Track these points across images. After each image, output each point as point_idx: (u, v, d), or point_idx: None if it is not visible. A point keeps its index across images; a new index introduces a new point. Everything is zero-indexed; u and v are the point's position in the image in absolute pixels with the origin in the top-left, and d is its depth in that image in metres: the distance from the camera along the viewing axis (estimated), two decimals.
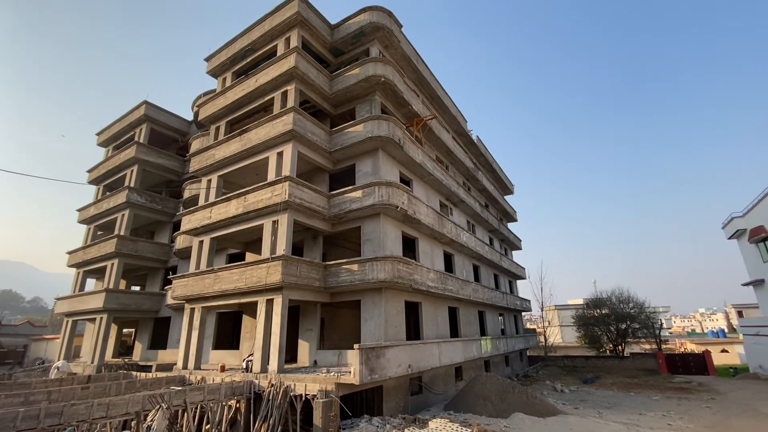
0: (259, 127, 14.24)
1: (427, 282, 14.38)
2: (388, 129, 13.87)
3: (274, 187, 12.78)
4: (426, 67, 19.64)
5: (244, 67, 17.11)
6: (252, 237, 15.44)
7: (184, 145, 24.55)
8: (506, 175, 35.18)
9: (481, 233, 25.22)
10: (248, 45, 16.50)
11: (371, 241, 13.13)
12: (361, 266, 12.41)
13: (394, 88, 15.26)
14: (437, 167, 17.97)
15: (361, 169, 14.41)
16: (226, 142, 15.32)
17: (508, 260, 29.28)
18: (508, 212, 33.96)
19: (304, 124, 13.74)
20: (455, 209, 21.19)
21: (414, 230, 15.50)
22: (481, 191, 27.44)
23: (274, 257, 11.80)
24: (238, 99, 15.88)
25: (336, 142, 14.59)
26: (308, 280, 12.32)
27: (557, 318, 52.68)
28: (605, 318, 31.76)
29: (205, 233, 15.00)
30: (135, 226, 22.97)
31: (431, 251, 16.71)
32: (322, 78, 15.34)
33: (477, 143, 26.88)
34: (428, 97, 20.43)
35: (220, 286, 13.11)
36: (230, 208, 13.91)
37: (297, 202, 12.54)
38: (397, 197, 13.22)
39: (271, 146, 13.94)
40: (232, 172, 15.35)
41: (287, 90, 14.50)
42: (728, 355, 35.60)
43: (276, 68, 14.67)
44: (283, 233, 12.32)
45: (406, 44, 17.64)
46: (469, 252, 20.66)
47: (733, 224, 27.64)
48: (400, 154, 15.05)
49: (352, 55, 16.57)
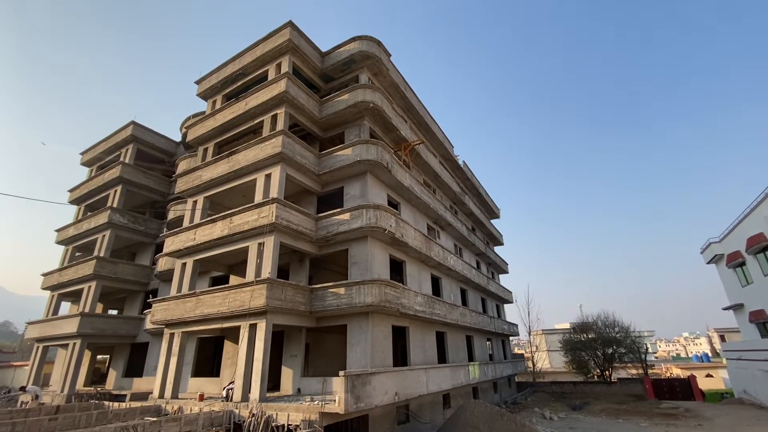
0: (248, 149, 14.27)
1: (415, 306, 14.26)
2: (376, 153, 14.05)
3: (261, 208, 12.69)
4: (414, 95, 20.17)
5: (235, 91, 17.30)
6: (237, 259, 15.19)
7: (170, 165, 24.35)
8: (492, 200, 35.74)
9: (468, 257, 25.30)
10: (239, 69, 16.75)
11: (358, 264, 13.04)
12: (347, 290, 12.25)
13: (382, 114, 15.57)
14: (425, 191, 18.17)
15: (349, 191, 14.47)
16: (214, 164, 15.28)
17: (495, 284, 29.30)
18: (495, 236, 34.28)
19: (293, 146, 13.84)
20: (442, 232, 21.29)
21: (401, 253, 15.48)
22: (468, 215, 27.73)
23: (258, 280, 11.57)
24: (227, 121, 15.96)
25: (325, 165, 14.68)
26: (293, 304, 12.08)
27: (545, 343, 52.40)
28: (592, 342, 31.76)
29: (188, 255, 14.70)
30: (116, 247, 22.40)
31: (419, 274, 16.65)
32: (312, 103, 15.58)
33: (463, 168, 27.38)
34: (416, 123, 20.89)
35: (202, 310, 12.73)
36: (215, 230, 13.72)
37: (284, 224, 12.45)
38: (384, 220, 13.26)
39: (259, 168, 13.94)
40: (219, 194, 15.24)
41: (277, 113, 14.65)
42: (713, 379, 35.77)
43: (266, 92, 14.87)
44: (268, 256, 12.15)
45: (395, 72, 18.17)
46: (456, 275, 20.64)
47: (711, 249, 28.41)
48: (388, 178, 15.20)
49: (341, 81, 16.93)
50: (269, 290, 11.40)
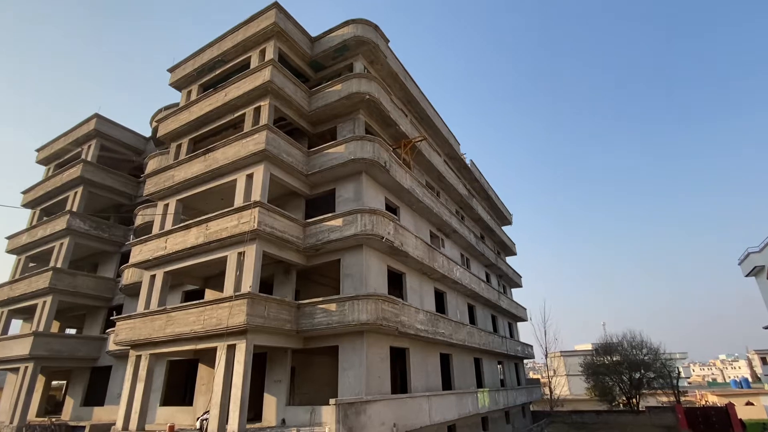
0: (228, 145, 14.29)
1: (416, 324, 14.23)
2: (372, 150, 14.09)
3: (241, 213, 12.68)
4: (415, 85, 20.29)
5: (213, 80, 17.35)
6: (213, 271, 15.14)
7: (139, 164, 24.34)
8: (504, 204, 35.86)
9: (476, 268, 25.31)
10: (218, 56, 16.81)
11: (352, 277, 13.02)
12: (339, 306, 12.22)
13: (379, 107, 15.65)
14: (427, 193, 18.21)
15: (341, 194, 14.48)
16: (189, 162, 15.27)
17: (507, 299, 29.29)
18: (507, 245, 34.35)
19: (279, 143, 13.86)
20: (447, 240, 21.31)
21: (401, 264, 15.48)
22: (476, 221, 27.78)
23: (238, 295, 11.52)
24: (204, 114, 15.98)
25: (314, 164, 14.71)
26: (278, 322, 12.03)
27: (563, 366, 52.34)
28: (617, 366, 31.74)
29: (158, 266, 14.64)
30: (76, 257, 22.28)
31: (420, 288, 16.64)
32: (300, 94, 15.64)
33: (471, 168, 27.49)
34: (417, 117, 20.98)
35: (173, 329, 12.65)
36: (189, 238, 13.68)
37: (267, 231, 12.44)
38: (382, 227, 13.27)
39: (240, 167, 13.95)
40: (193, 196, 15.22)
41: (260, 106, 14.69)
42: (754, 408, 35.76)
43: (249, 82, 14.91)
44: (250, 267, 12.11)
45: (394, 60, 18.28)
46: (463, 289, 20.64)
47: (750, 260, 28.54)
48: (385, 179, 15.22)
49: (333, 70, 17.01)
50: (250, 306, 11.35)
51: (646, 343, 32.36)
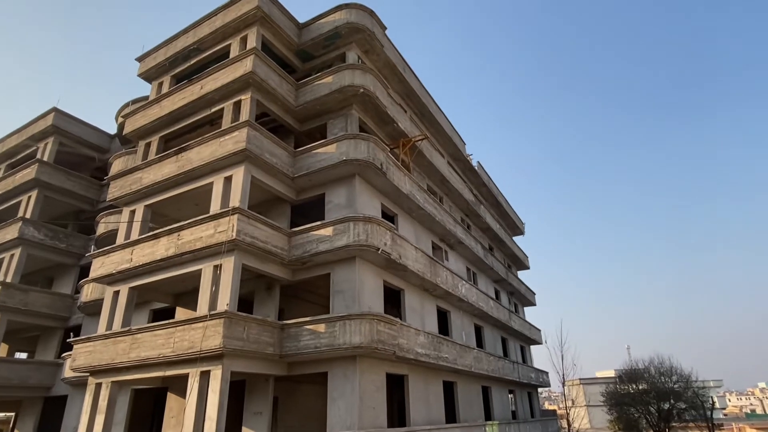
0: (203, 144, 14.31)
1: (416, 348, 14.20)
2: (367, 150, 14.14)
3: (218, 221, 12.66)
4: (415, 78, 20.43)
5: (187, 71, 17.42)
6: (186, 287, 15.06)
7: (102, 165, 24.27)
8: (515, 212, 36.00)
9: (484, 284, 25.31)
10: (194, 43, 16.89)
11: (343, 294, 13.00)
12: (329, 326, 12.18)
13: (375, 101, 15.73)
14: (429, 199, 18.26)
15: (332, 200, 14.50)
16: (159, 163, 15.27)
17: (519, 319, 29.27)
18: (518, 258, 34.41)
19: (261, 142, 13.89)
20: (452, 252, 21.33)
21: (399, 279, 15.46)
22: (484, 230, 27.84)
23: (213, 314, 11.45)
24: (177, 109, 16.01)
25: (301, 166, 14.74)
26: (259, 345, 11.97)
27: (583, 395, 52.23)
28: (643, 395, 31.69)
29: (122, 281, 14.57)
30: (28, 270, 22.12)
31: (421, 307, 16.61)
32: (286, 86, 15.71)
33: (478, 170, 27.63)
34: (417, 114, 21.09)
35: (139, 353, 12.56)
36: (159, 249, 13.64)
37: (248, 242, 12.42)
38: (377, 236, 13.27)
39: (217, 169, 13.96)
40: (163, 202, 15.19)
41: (241, 100, 14.74)
42: None
43: (228, 73, 14.98)
44: (227, 282, 12.07)
45: (391, 50, 18.42)
46: (469, 308, 20.62)
47: None
48: (382, 183, 15.25)
49: (324, 61, 17.12)
50: (227, 327, 11.28)
51: (676, 370, 32.36)
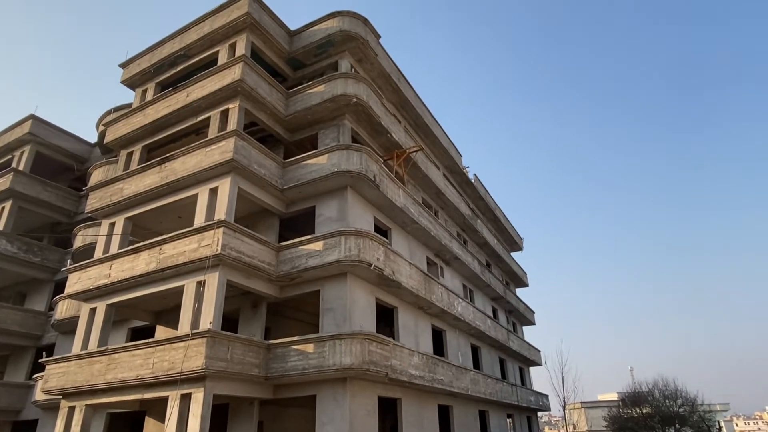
0: (188, 154, 14.32)
1: (410, 369, 14.13)
2: (360, 162, 14.21)
3: (202, 234, 12.63)
4: (410, 88, 20.64)
5: (173, 78, 17.49)
6: (167, 304, 14.93)
7: (81, 175, 24.15)
8: (513, 227, 36.17)
9: (481, 302, 25.28)
10: (180, 50, 16.98)
11: (334, 312, 12.96)
12: (318, 346, 12.11)
13: (368, 111, 15.86)
14: (424, 213, 18.31)
15: (322, 213, 14.51)
16: (141, 173, 15.25)
17: (518, 339, 29.20)
18: (517, 274, 34.46)
19: (249, 152, 13.93)
20: (447, 269, 21.34)
21: (392, 296, 15.43)
22: (481, 246, 27.89)
23: (195, 333, 11.35)
24: (161, 117, 16.04)
25: (291, 178, 14.77)
26: (243, 367, 11.86)
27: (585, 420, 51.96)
28: (647, 420, 31.65)
29: (99, 297, 14.43)
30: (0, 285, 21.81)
31: (415, 326, 16.56)
32: (276, 95, 15.80)
33: (475, 183, 27.79)
34: (412, 124, 21.26)
35: (116, 374, 12.40)
36: (139, 263, 13.56)
37: (233, 256, 12.37)
38: (370, 251, 13.28)
39: (202, 180, 13.96)
40: (145, 214, 15.14)
41: (229, 108, 14.80)
42: None
43: (215, 80, 15.06)
44: (211, 299, 11.99)
45: (386, 59, 18.62)
46: (465, 327, 20.58)
47: None
48: (375, 195, 15.30)
49: (315, 69, 17.27)
50: (210, 347, 11.17)
51: (681, 393, 32.37)
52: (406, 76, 20.46)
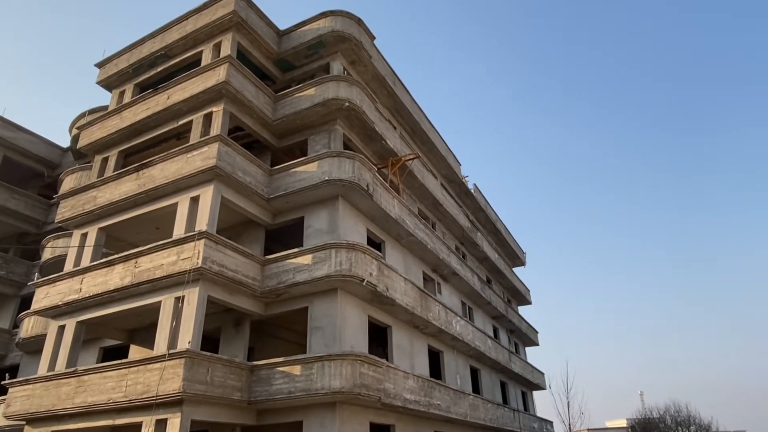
0: (168, 160, 14.29)
1: (404, 394, 14.03)
2: (352, 170, 14.22)
3: (182, 246, 12.55)
4: (406, 92, 20.76)
5: (153, 79, 17.51)
6: (142, 322, 14.82)
7: (52, 182, 24.00)
8: (515, 240, 36.25)
9: (481, 320, 25.21)
10: (161, 49, 17.01)
11: (322, 331, 12.88)
12: (305, 368, 12.01)
13: (362, 116, 15.91)
14: (420, 225, 18.32)
15: (312, 224, 14.50)
16: (117, 180, 15.19)
17: (521, 361, 29.09)
18: (519, 291, 34.47)
19: (234, 158, 13.91)
20: (445, 285, 21.31)
21: (386, 314, 15.36)
22: (482, 260, 27.90)
23: (173, 353, 11.22)
24: (140, 120, 16.02)
25: (278, 186, 14.76)
26: (224, 390, 11.72)
27: None
28: None
29: (69, 314, 14.27)
30: None
31: (410, 346, 16.48)
32: (263, 98, 15.83)
33: (474, 194, 27.87)
34: (408, 131, 21.35)
35: (86, 398, 12.22)
36: (113, 277, 13.45)
37: (215, 270, 12.28)
38: (362, 266, 13.25)
39: (182, 188, 13.91)
40: (120, 224, 15.06)
41: (212, 112, 14.81)
42: None
43: (199, 82, 15.07)
44: (190, 316, 11.88)
45: (380, 61, 18.74)
46: (464, 348, 20.51)
47: None
48: (368, 206, 15.29)
49: (306, 71, 17.36)
50: (188, 368, 11.03)
51: (694, 419, 32.36)
52: (402, 79, 20.58)
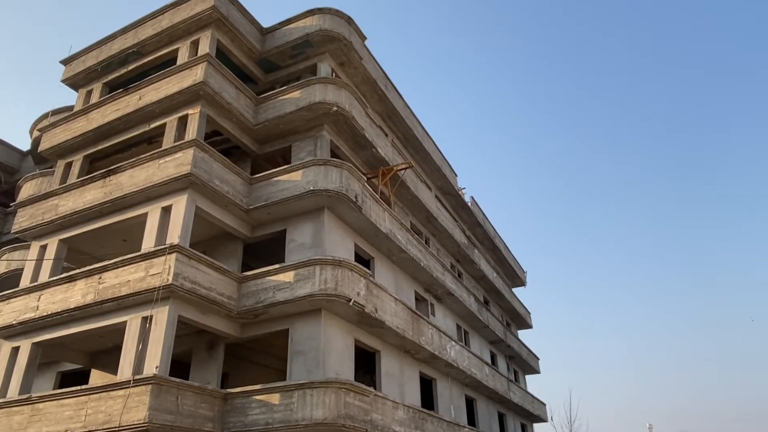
0: (138, 166, 14.29)
1: (393, 426, 13.97)
2: (340, 180, 14.30)
3: (151, 261, 12.49)
4: (399, 97, 20.97)
5: (124, 78, 17.55)
6: (105, 344, 14.65)
7: (9, 189, 23.85)
8: (515, 258, 36.42)
9: (478, 346, 25.22)
10: (134, 46, 17.09)
11: (304, 355, 12.83)
12: (285, 397, 11.94)
13: (351, 122, 16.04)
14: (413, 240, 18.40)
15: (294, 238, 14.52)
16: (81, 188, 15.14)
17: (521, 390, 29.06)
18: (519, 314, 34.54)
19: (210, 165, 13.94)
20: (439, 306, 21.33)
21: (374, 338, 15.37)
22: (479, 279, 27.97)
23: (139, 379, 11.11)
24: (108, 123, 16.02)
25: (258, 196, 14.79)
26: (194, 420, 11.61)
27: None
28: None
29: (24, 334, 14.12)
30: None
31: (401, 373, 16.48)
32: (244, 101, 15.92)
33: (471, 207, 28.04)
34: (401, 138, 21.51)
35: (40, 428, 12.00)
36: (74, 294, 13.34)
37: (187, 287, 12.23)
38: (349, 284, 13.26)
39: (153, 197, 13.89)
40: (84, 236, 14.99)
41: (188, 114, 14.85)
42: None
43: (174, 82, 15.13)
44: (158, 338, 11.79)
45: (371, 63, 18.95)
46: (459, 375, 20.50)
47: None
48: (356, 219, 15.36)
49: (291, 72, 17.53)
50: (155, 396, 10.92)
51: None
52: (394, 83, 20.78)
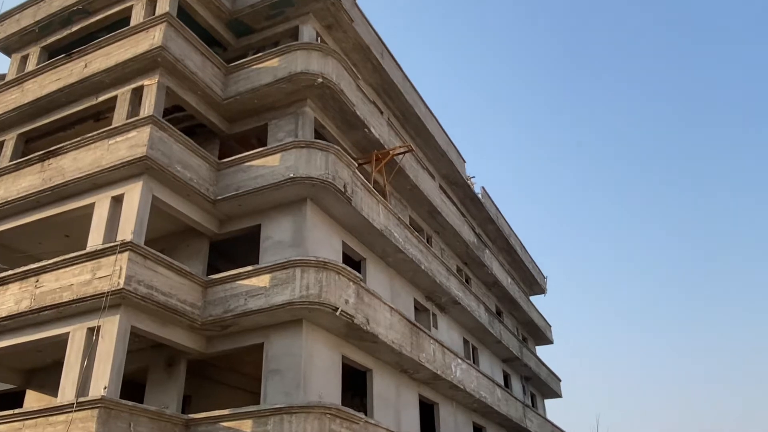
0: (83, 147, 14.23)
1: None
2: (325, 166, 14.25)
3: (98, 261, 12.44)
4: (397, 67, 20.89)
5: (66, 41, 17.48)
6: (43, 360, 14.66)
7: None
8: (534, 262, 36.42)
9: (488, 364, 25.26)
10: (78, 3, 16.96)
11: (282, 375, 12.84)
12: (259, 424, 11.88)
13: (339, 97, 15.97)
14: (412, 238, 18.38)
15: (271, 234, 14.51)
16: (14, 173, 15.10)
17: (539, 417, 29.16)
18: (538, 327, 34.61)
19: (170, 147, 13.87)
20: (443, 316, 21.36)
21: (365, 354, 15.40)
22: (490, 286, 27.98)
23: (83, 402, 11.03)
24: (47, 95, 15.94)
25: (228, 185, 14.75)
26: None
27: None
28: None
29: None
30: None
31: (397, 396, 16.52)
32: (211, 70, 15.84)
33: (482, 200, 27.99)
34: (399, 117, 21.43)
35: None
36: (5, 301, 13.30)
37: (142, 293, 12.17)
38: (336, 290, 13.24)
39: (101, 185, 13.82)
40: (18, 230, 14.96)
41: (143, 86, 14.76)
42: None
43: (127, 46, 15.04)
44: (107, 353, 11.75)
45: (365, 26, 18.87)
46: (466, 399, 20.59)
47: None
48: (345, 212, 15.35)
49: (267, 36, 17.45)
50: (103, 422, 10.85)
51: None
52: (392, 51, 20.65)
